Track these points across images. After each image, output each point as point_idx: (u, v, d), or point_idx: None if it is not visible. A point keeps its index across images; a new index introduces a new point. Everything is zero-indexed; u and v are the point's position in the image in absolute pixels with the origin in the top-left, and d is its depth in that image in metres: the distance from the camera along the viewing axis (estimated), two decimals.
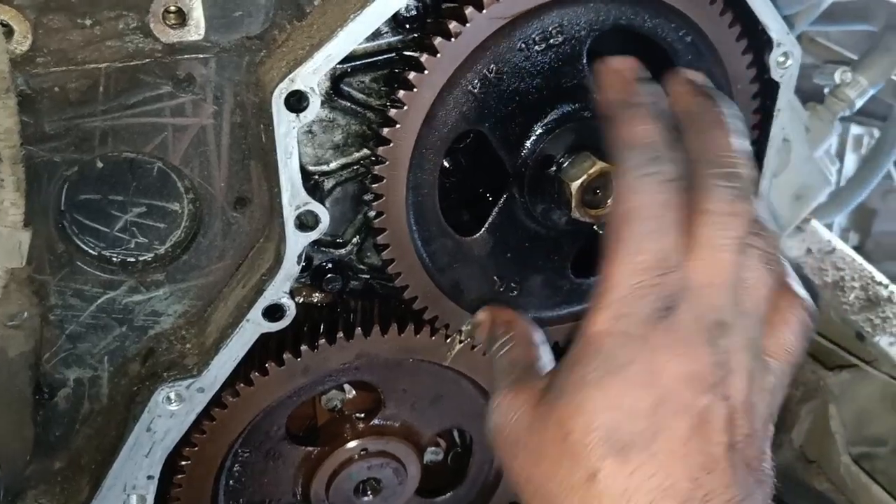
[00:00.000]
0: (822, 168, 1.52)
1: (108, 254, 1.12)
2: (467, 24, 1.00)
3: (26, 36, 0.96)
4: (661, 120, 0.79)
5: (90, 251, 1.11)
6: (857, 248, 3.18)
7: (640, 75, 0.86)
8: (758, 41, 1.18)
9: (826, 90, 1.57)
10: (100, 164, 1.06)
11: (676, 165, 0.76)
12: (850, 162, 3.00)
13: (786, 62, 1.19)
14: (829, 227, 2.31)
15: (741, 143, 0.78)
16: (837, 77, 1.51)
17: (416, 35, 1.07)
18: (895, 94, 1.67)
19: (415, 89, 1.02)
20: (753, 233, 0.76)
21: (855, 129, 3.12)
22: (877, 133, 2.81)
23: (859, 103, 1.53)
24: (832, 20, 1.70)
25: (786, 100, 1.23)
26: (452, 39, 1.00)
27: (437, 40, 1.00)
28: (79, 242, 1.10)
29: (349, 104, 1.10)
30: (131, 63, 1.01)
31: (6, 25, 0.94)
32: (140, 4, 0.98)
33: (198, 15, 1.00)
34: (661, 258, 0.74)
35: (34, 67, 0.98)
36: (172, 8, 0.99)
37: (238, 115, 1.07)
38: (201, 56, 1.03)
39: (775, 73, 1.20)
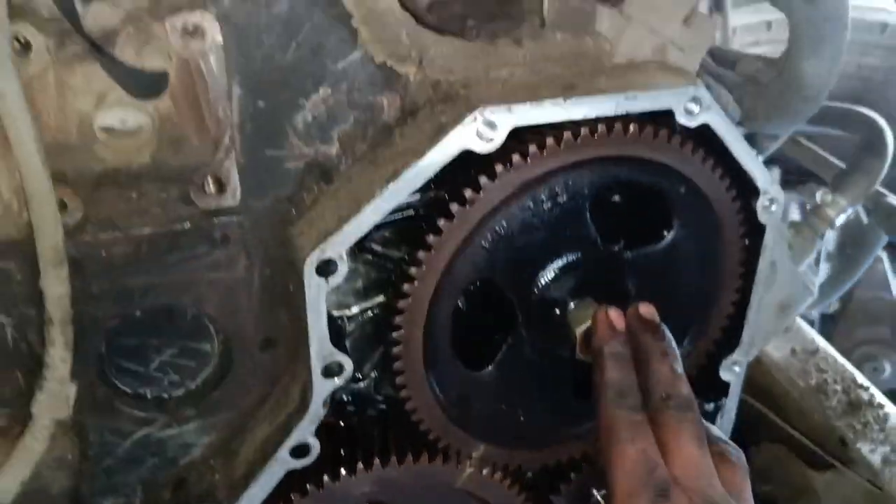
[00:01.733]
0: (805, 281, 1.62)
1: (143, 392, 1.20)
2: (480, 193, 1.09)
3: (78, 209, 1.04)
4: (628, 363, 1.06)
5: (127, 391, 1.19)
6: (840, 312, 3.28)
7: (619, 328, 1.11)
8: (745, 186, 1.28)
9: (808, 206, 1.68)
10: (139, 314, 1.14)
11: (638, 396, 1.02)
12: (830, 235, 3.09)
13: (771, 206, 1.29)
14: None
15: (677, 367, 1.04)
16: (819, 197, 1.61)
17: (434, 194, 1.15)
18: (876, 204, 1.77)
19: (432, 251, 1.11)
20: (713, 443, 1.00)
21: None
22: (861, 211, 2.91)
23: (839, 221, 1.63)
24: (814, 122, 1.80)
25: (771, 238, 1.32)
26: (467, 206, 1.10)
27: (454, 206, 1.10)
28: (117, 383, 1.18)
29: (371, 256, 1.18)
30: (172, 227, 1.09)
31: (61, 202, 1.02)
32: (182, 177, 1.07)
33: (235, 183, 1.09)
34: (644, 456, 0.94)
35: (83, 236, 1.06)
36: (212, 179, 1.08)
37: (268, 267, 1.16)
38: (236, 218, 1.11)
39: (762, 217, 1.30)
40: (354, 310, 1.22)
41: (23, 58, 0.94)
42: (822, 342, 1.83)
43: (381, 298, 1.22)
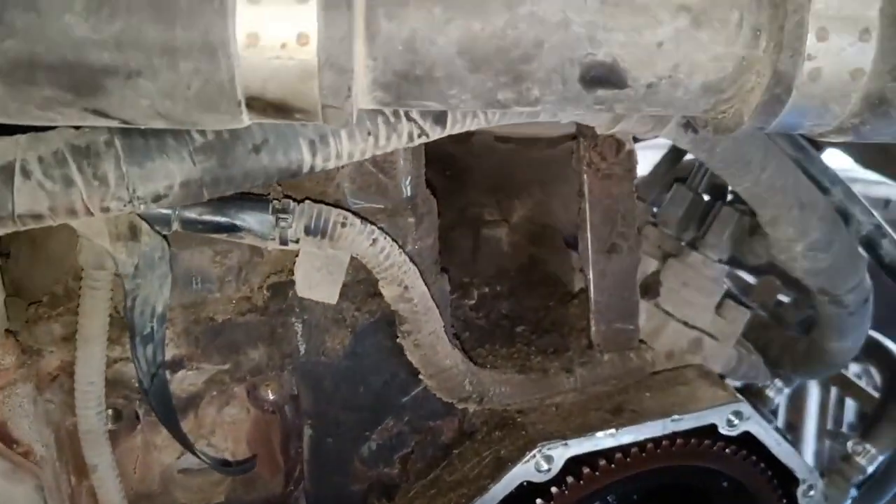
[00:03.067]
0: None
1: None
2: None
3: None
4: None
5: None
6: None
7: None
8: (784, 474, 1.33)
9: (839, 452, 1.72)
10: None
11: None
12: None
13: (810, 492, 1.34)
14: None
15: None
16: (850, 447, 1.67)
17: None
18: None
19: None
20: None
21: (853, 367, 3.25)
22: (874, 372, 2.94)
23: (871, 469, 1.68)
24: None
25: None
26: None
27: None
28: None
29: None
30: None
31: None
32: None
33: None
34: None
35: None
36: None
37: None
38: None
39: (802, 502, 1.34)
40: None
41: (114, 425, 1.01)
42: None
43: None
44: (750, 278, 2.44)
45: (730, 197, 1.52)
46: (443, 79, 0.69)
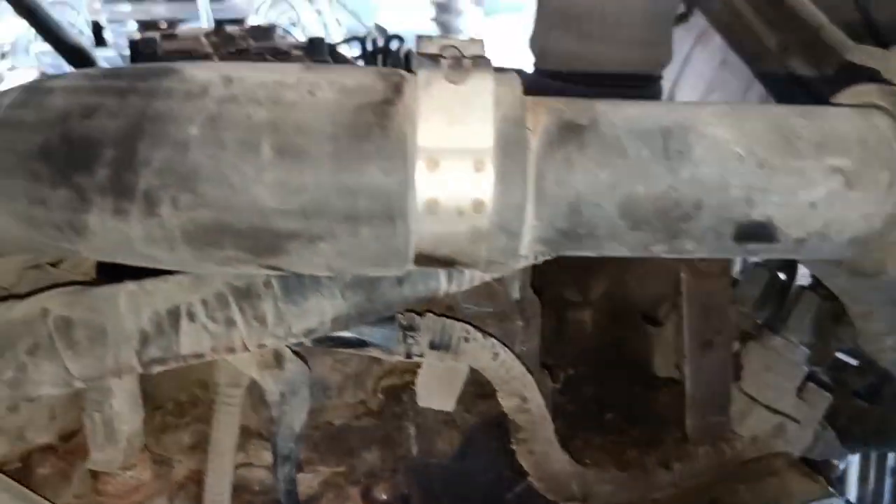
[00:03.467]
0: None
1: None
2: None
3: None
4: None
5: None
6: None
7: None
8: None
9: None
10: None
11: None
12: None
13: None
14: None
15: None
16: None
17: None
18: None
19: None
20: None
21: None
22: None
23: None
24: None
25: None
26: None
27: None
28: None
29: None
30: None
31: None
32: None
33: None
34: None
35: None
36: None
37: None
38: None
39: None
40: None
41: None
42: None
43: None
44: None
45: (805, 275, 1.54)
46: (603, 236, 0.71)
